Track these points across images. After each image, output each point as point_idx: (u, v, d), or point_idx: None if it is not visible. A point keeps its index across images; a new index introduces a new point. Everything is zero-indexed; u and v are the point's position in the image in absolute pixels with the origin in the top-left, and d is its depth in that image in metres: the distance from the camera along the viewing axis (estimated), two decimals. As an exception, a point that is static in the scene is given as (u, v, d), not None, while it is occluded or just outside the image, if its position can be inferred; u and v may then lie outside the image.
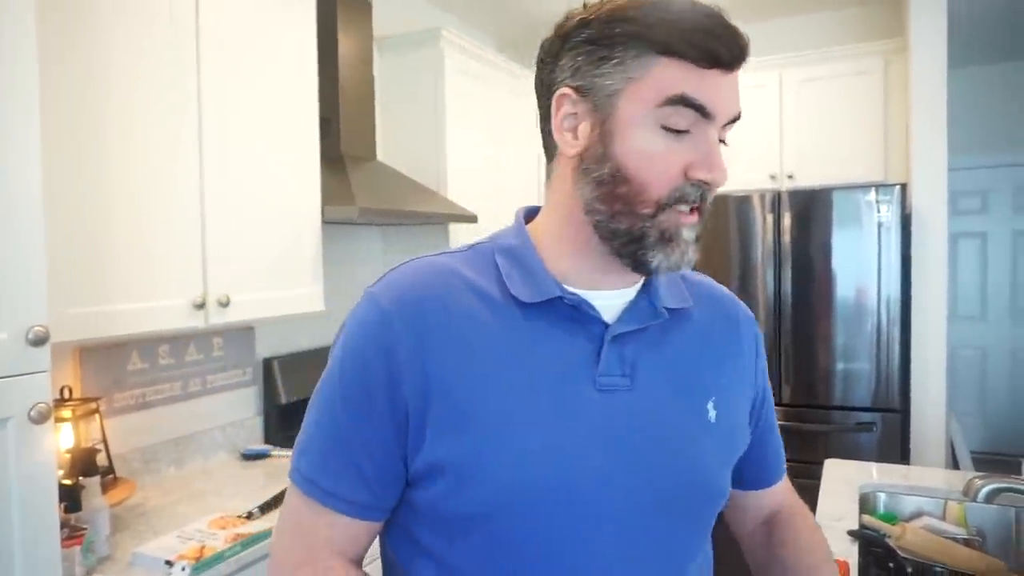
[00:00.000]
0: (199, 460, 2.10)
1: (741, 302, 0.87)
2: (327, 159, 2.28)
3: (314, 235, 2.11)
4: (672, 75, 0.63)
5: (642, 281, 0.75)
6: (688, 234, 0.67)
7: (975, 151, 4.47)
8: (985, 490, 1.31)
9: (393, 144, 2.85)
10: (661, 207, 0.65)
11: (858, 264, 2.84)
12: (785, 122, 3.28)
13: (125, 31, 1.56)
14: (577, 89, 0.68)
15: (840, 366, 2.89)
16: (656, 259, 0.67)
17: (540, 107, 0.73)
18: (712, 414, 0.75)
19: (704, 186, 0.66)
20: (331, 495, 0.69)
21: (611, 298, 0.72)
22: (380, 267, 2.94)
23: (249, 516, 1.64)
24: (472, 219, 2.70)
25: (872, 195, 2.80)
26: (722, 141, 0.68)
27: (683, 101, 0.63)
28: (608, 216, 0.67)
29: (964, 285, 4.67)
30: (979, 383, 4.67)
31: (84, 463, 1.57)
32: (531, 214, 0.79)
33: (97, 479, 1.48)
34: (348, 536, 0.70)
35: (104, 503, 1.45)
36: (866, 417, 2.84)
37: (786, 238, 2.95)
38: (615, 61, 0.65)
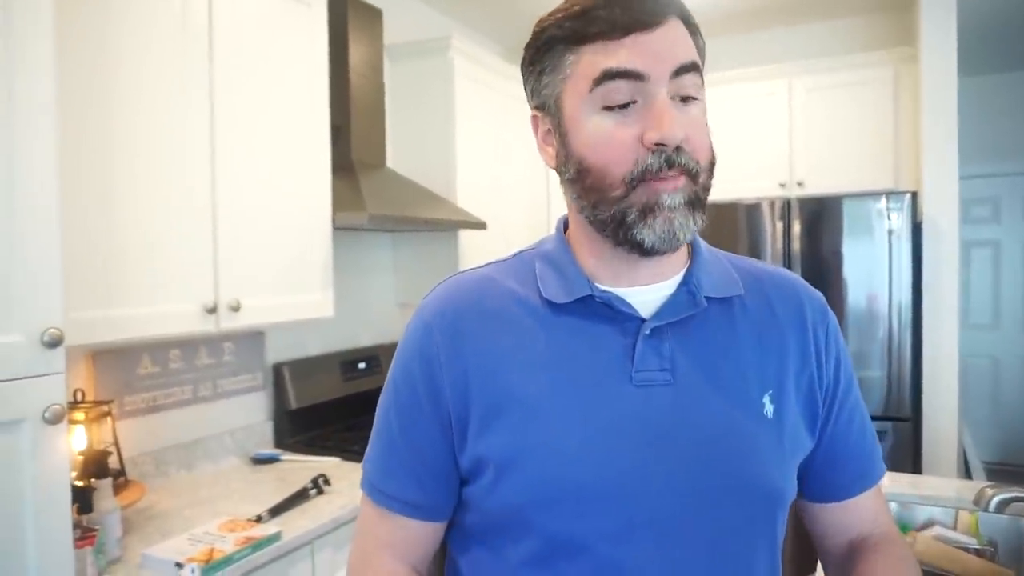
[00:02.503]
0: (209, 464, 2.11)
1: (810, 287, 0.81)
2: (338, 166, 2.29)
3: (324, 241, 2.13)
4: (592, 57, 0.65)
5: (683, 273, 0.73)
6: (671, 199, 0.64)
7: (987, 159, 4.44)
8: (996, 500, 1.30)
9: (403, 151, 2.86)
10: (630, 184, 0.64)
11: (869, 272, 2.83)
12: (795, 130, 3.27)
13: (138, 38, 1.58)
14: (538, 108, 0.72)
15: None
16: (644, 234, 0.65)
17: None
18: (769, 408, 0.70)
19: (662, 148, 0.63)
20: (391, 497, 0.74)
21: (647, 293, 0.72)
22: (390, 273, 2.95)
23: (259, 519, 1.64)
24: (481, 226, 2.71)
25: (883, 203, 2.79)
26: (689, 98, 0.66)
27: (609, 75, 0.63)
28: (591, 210, 0.68)
29: (976, 294, 4.64)
30: (992, 392, 4.63)
31: (96, 465, 1.58)
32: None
33: (109, 481, 1.49)
34: (411, 539, 0.74)
35: (115, 505, 1.47)
36: (878, 426, 2.80)
37: (796, 246, 2.94)
38: (548, 69, 0.69)
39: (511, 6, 3.27)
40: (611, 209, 0.66)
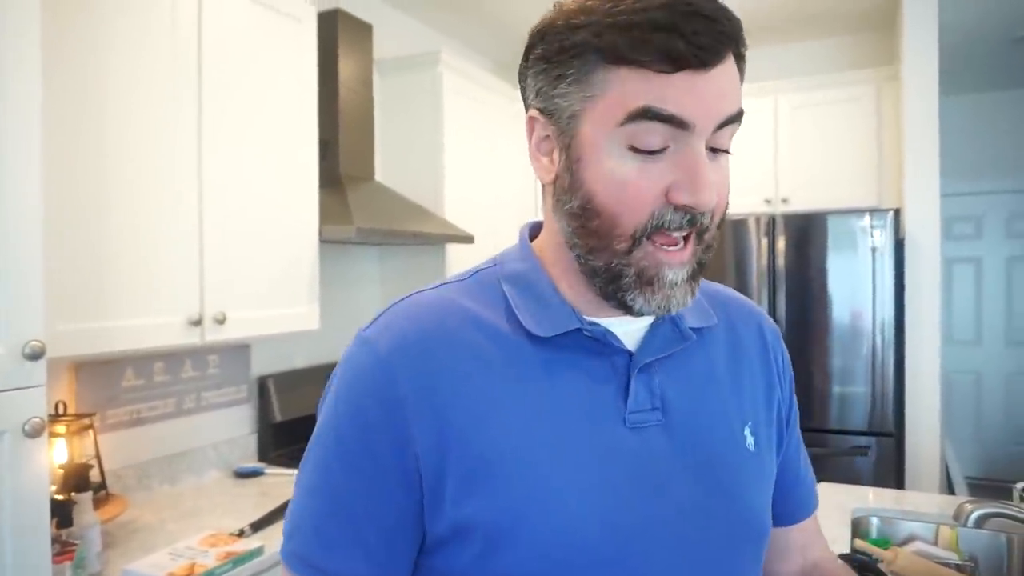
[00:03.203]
0: (192, 478, 2.10)
1: (762, 310, 0.79)
2: (326, 179, 2.30)
3: (311, 254, 2.13)
4: (632, 87, 0.54)
5: None
6: (673, 275, 0.58)
7: (969, 177, 4.51)
8: (975, 515, 1.32)
9: (392, 165, 2.88)
10: (637, 240, 0.57)
11: (853, 288, 2.86)
12: (780, 147, 3.32)
13: (127, 51, 1.59)
14: (543, 111, 0.61)
15: (836, 389, 2.89)
16: (636, 302, 0.58)
17: None
18: (750, 441, 0.67)
19: (689, 210, 0.56)
20: (328, 573, 0.59)
21: (630, 323, 0.64)
22: (377, 286, 2.95)
23: (241, 534, 1.63)
24: (469, 239, 2.72)
25: (866, 220, 2.83)
26: (722, 150, 0.59)
27: (647, 114, 0.53)
28: (585, 252, 0.60)
29: (959, 310, 4.69)
30: (975, 408, 4.67)
31: (77, 479, 1.57)
32: (536, 230, 0.70)
33: (89, 495, 1.48)
34: None
35: (96, 519, 1.45)
36: (862, 441, 2.84)
37: (781, 261, 2.97)
38: (571, 79, 0.57)
39: (501, 21, 3.30)
40: (608, 262, 0.58)
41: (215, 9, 1.79)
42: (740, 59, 0.58)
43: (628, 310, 0.60)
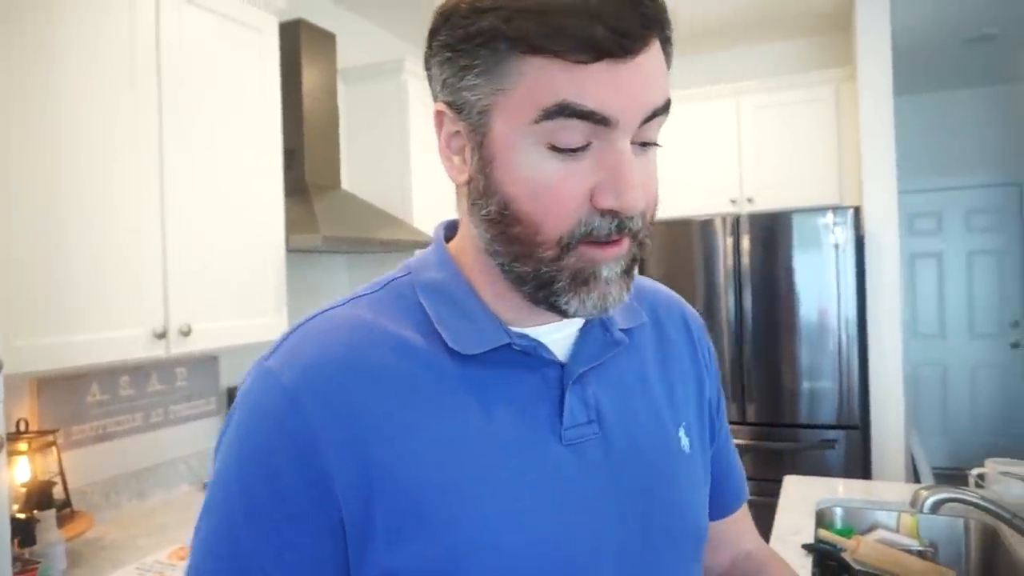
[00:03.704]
0: (161, 492, 2.07)
1: (683, 300, 0.75)
2: (292, 188, 2.30)
3: (278, 264, 2.12)
4: (547, 78, 0.48)
5: None
6: (609, 271, 0.53)
7: (929, 174, 4.63)
8: (930, 501, 1.35)
9: (359, 173, 2.88)
10: (565, 247, 0.51)
11: (818, 285, 2.92)
12: (744, 147, 3.37)
13: (85, 59, 1.58)
14: (450, 105, 0.54)
15: (805, 385, 2.94)
16: (571, 305, 0.53)
17: None
18: (685, 442, 0.65)
19: (617, 215, 0.51)
20: None
21: (558, 330, 0.59)
22: (346, 294, 2.95)
23: (210, 547, 1.62)
24: (438, 246, 2.73)
25: (829, 218, 2.89)
26: (652, 144, 0.53)
27: (565, 111, 0.48)
28: (509, 259, 0.54)
29: (924, 303, 4.80)
30: (941, 400, 4.78)
31: (40, 497, 1.55)
32: (452, 230, 0.64)
33: (52, 513, 1.46)
34: None
35: (60, 537, 1.44)
36: (830, 434, 2.90)
37: (747, 260, 3.02)
38: (478, 69, 0.51)
39: (465, 29, 3.32)
40: (535, 268, 0.53)
41: (173, 19, 1.78)
42: (667, 43, 0.52)
43: (562, 314, 0.55)
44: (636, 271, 0.58)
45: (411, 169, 2.82)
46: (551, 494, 0.55)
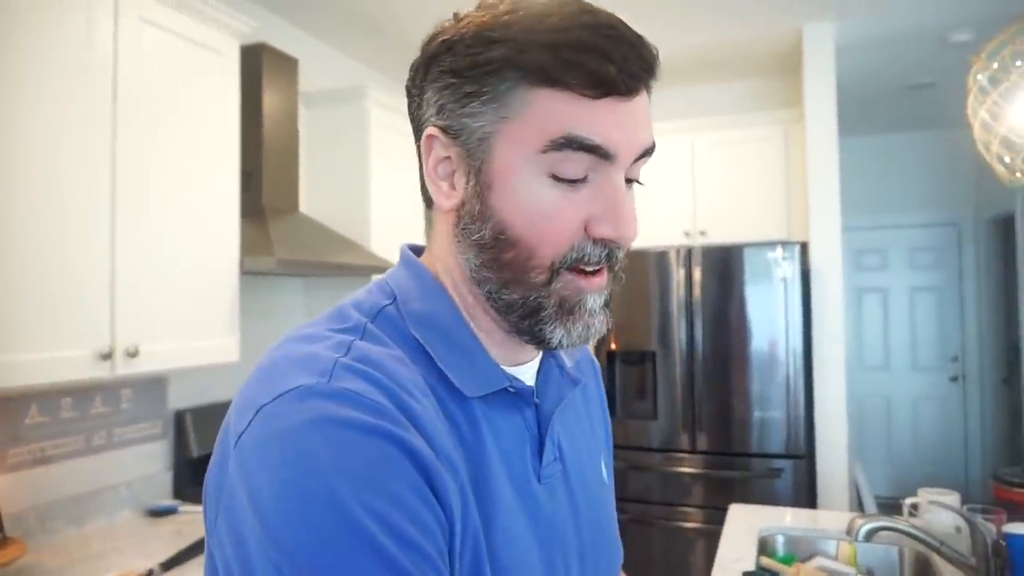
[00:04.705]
0: (102, 518, 2.01)
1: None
2: (248, 211, 2.29)
3: (231, 286, 2.11)
4: (555, 110, 0.50)
5: None
6: (593, 302, 0.55)
7: (875, 212, 4.82)
8: (864, 529, 1.40)
9: (318, 197, 2.88)
10: (556, 271, 0.53)
11: (768, 317, 3.00)
12: (698, 182, 3.47)
13: (38, 74, 1.56)
14: (445, 130, 0.55)
15: (756, 415, 3.00)
16: (556, 334, 0.54)
17: (416, 146, 0.59)
18: (605, 474, 0.68)
19: (610, 244, 0.53)
20: None
21: (527, 371, 0.61)
22: (303, 318, 2.92)
23: (150, 574, 1.58)
24: (395, 271, 2.73)
25: (777, 252, 2.98)
26: (635, 181, 0.56)
27: (572, 143, 0.50)
28: (498, 286, 0.54)
29: (870, 338, 4.96)
30: (886, 431, 4.92)
31: (-29, 522, 1.50)
32: (417, 253, 0.63)
33: (-16, 538, 1.41)
34: None
35: (-10, 564, 1.39)
36: (778, 463, 2.96)
37: (698, 291, 3.09)
38: (485, 97, 0.52)
39: (428, 58, 3.36)
40: (525, 295, 0.54)
41: (131, 37, 1.78)
42: (649, 92, 0.56)
43: (544, 345, 0.56)
44: (611, 300, 0.58)
45: (370, 194, 2.83)
46: (538, 532, 0.56)
